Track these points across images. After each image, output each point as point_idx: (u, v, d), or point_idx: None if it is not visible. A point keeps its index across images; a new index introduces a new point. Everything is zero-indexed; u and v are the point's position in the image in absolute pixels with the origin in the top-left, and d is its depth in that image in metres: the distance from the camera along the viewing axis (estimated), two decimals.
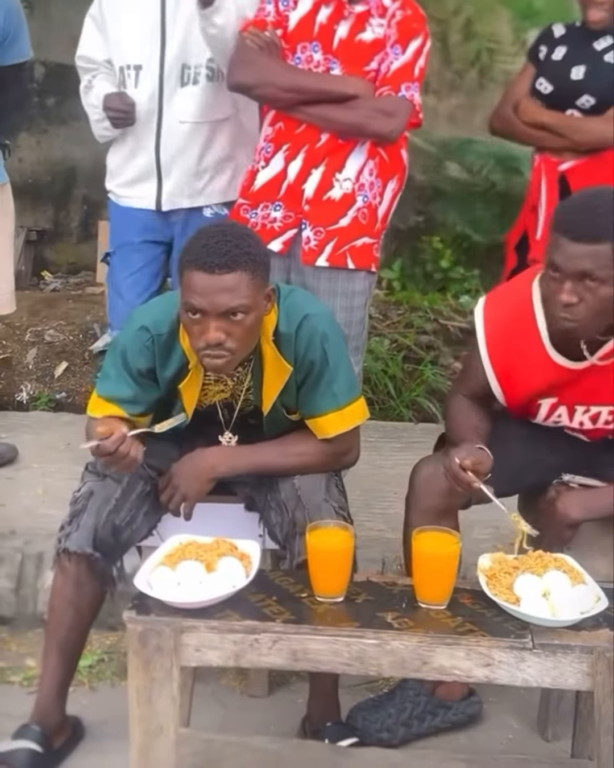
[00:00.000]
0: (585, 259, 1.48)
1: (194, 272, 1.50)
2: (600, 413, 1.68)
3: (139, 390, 1.65)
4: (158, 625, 1.39)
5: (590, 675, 1.34)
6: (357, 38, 2.03)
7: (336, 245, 2.06)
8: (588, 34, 2.29)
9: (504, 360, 1.68)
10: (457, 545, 1.44)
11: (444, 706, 1.77)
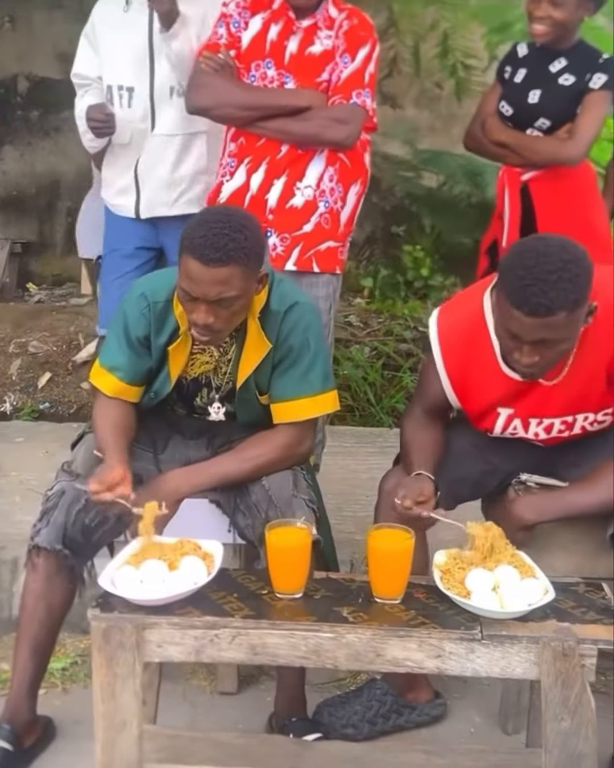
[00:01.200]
0: (540, 330, 1.52)
1: (191, 260, 1.60)
2: (553, 424, 1.74)
3: (134, 358, 1.76)
4: (121, 621, 1.45)
5: (536, 664, 1.40)
6: (306, 51, 2.12)
7: (302, 250, 2.15)
8: (545, 55, 2.36)
9: (459, 370, 1.74)
10: (410, 541, 1.50)
11: (409, 706, 1.83)
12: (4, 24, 4.73)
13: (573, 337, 1.59)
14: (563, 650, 1.38)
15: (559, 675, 1.39)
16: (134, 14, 2.40)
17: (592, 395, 1.69)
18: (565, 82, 2.32)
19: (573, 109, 2.32)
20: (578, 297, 1.51)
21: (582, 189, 2.39)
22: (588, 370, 1.66)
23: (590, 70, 2.31)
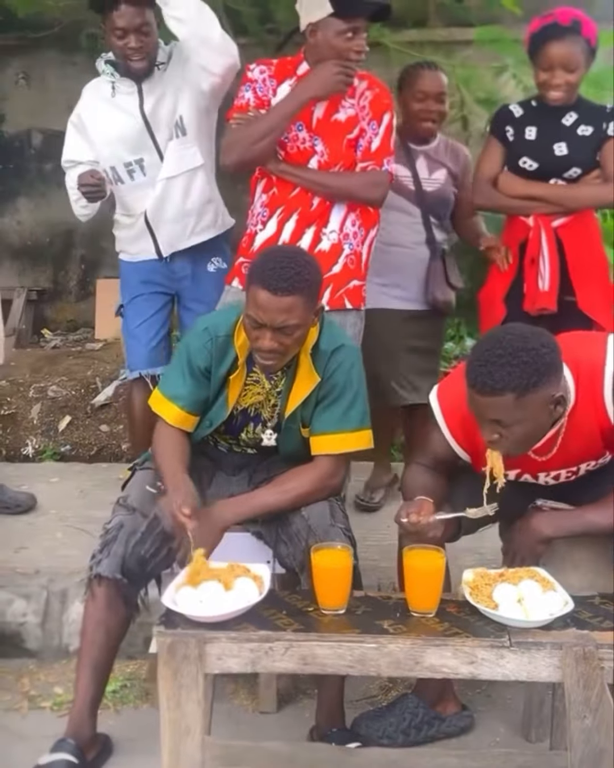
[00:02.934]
0: (490, 409, 1.68)
1: (260, 290, 1.83)
2: (560, 474, 1.94)
3: (195, 388, 1.97)
4: (184, 636, 1.64)
5: (560, 668, 1.59)
6: (332, 118, 2.38)
7: (333, 290, 2.38)
8: (552, 111, 2.54)
9: (465, 437, 1.90)
10: (443, 560, 1.70)
11: (439, 718, 2.01)
12: (19, 81, 5.03)
13: (533, 421, 1.70)
14: (584, 654, 1.58)
15: (581, 677, 1.58)
16: (122, 97, 2.61)
17: (589, 451, 1.87)
18: (585, 133, 2.54)
19: (594, 157, 2.53)
20: (526, 383, 1.64)
21: (596, 232, 2.64)
22: (579, 432, 1.81)
23: (604, 120, 2.54)
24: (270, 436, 2.01)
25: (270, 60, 2.53)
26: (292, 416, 1.98)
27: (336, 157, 2.37)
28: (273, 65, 2.47)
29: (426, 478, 1.96)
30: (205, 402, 2.00)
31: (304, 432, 2.01)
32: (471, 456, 1.94)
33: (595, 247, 2.62)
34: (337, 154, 2.37)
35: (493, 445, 1.75)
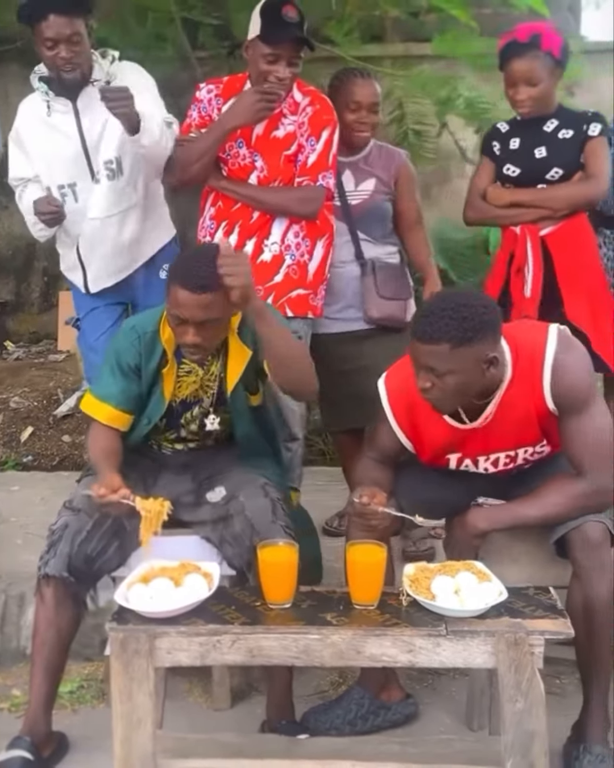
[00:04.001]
0: (426, 356, 1.82)
1: (179, 289, 1.94)
2: (499, 458, 2.04)
3: (125, 385, 2.08)
4: (135, 632, 1.72)
5: (493, 654, 1.70)
6: (271, 135, 2.50)
7: (275, 298, 2.49)
8: (533, 121, 2.62)
9: (409, 423, 2.02)
10: (383, 554, 1.80)
11: (384, 707, 2.10)
12: None
13: (464, 375, 1.82)
14: (515, 641, 1.68)
15: (512, 662, 1.69)
16: (58, 116, 2.54)
17: (527, 433, 1.98)
18: (565, 136, 2.62)
19: (577, 159, 2.60)
20: (462, 336, 1.79)
21: (588, 241, 2.70)
22: (517, 413, 1.93)
23: (584, 122, 2.62)
24: (213, 420, 2.12)
25: (220, 78, 2.65)
26: (235, 393, 2.09)
27: (275, 172, 2.49)
28: (222, 83, 2.59)
29: (376, 473, 2.07)
30: (137, 398, 2.10)
31: (253, 400, 2.14)
32: (414, 445, 2.05)
33: (587, 256, 2.67)
34: (276, 170, 2.49)
35: (425, 393, 1.87)
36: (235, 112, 2.43)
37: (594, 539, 1.88)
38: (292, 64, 2.44)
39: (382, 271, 2.71)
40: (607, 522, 1.91)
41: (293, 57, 2.43)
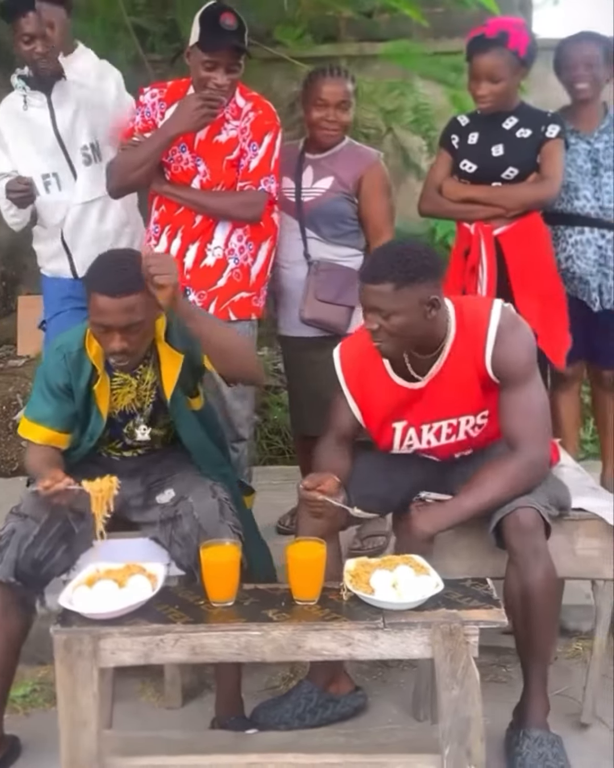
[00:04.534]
0: (372, 296, 1.94)
1: (98, 296, 1.94)
2: (441, 428, 2.10)
3: (58, 406, 2.08)
4: (79, 634, 1.75)
5: (430, 645, 1.75)
6: (214, 140, 2.53)
7: (218, 302, 2.53)
8: (493, 117, 2.68)
9: (360, 389, 2.11)
10: (323, 550, 1.85)
11: (333, 700, 2.15)
12: None
13: (408, 316, 1.92)
14: (450, 631, 1.73)
15: (448, 651, 1.74)
16: (34, 110, 2.69)
17: (469, 399, 2.05)
18: (523, 135, 2.68)
19: (534, 159, 2.65)
20: (404, 276, 1.91)
21: (541, 240, 2.76)
22: (460, 376, 2.02)
23: (543, 123, 2.68)
24: (143, 431, 2.13)
25: (164, 82, 2.68)
26: (174, 400, 2.10)
27: (217, 177, 2.52)
28: (166, 88, 2.61)
29: (333, 456, 2.13)
30: (73, 417, 2.10)
31: (194, 403, 2.16)
32: (363, 413, 2.11)
33: (540, 255, 2.73)
34: (218, 174, 2.52)
35: (373, 336, 1.97)
36: (177, 119, 2.46)
37: (526, 525, 1.93)
38: (230, 71, 2.46)
39: (325, 273, 2.68)
40: (539, 507, 1.97)
41: (231, 64, 2.46)
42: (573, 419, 3.01)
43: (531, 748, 1.93)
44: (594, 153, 2.81)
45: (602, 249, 2.83)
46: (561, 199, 2.82)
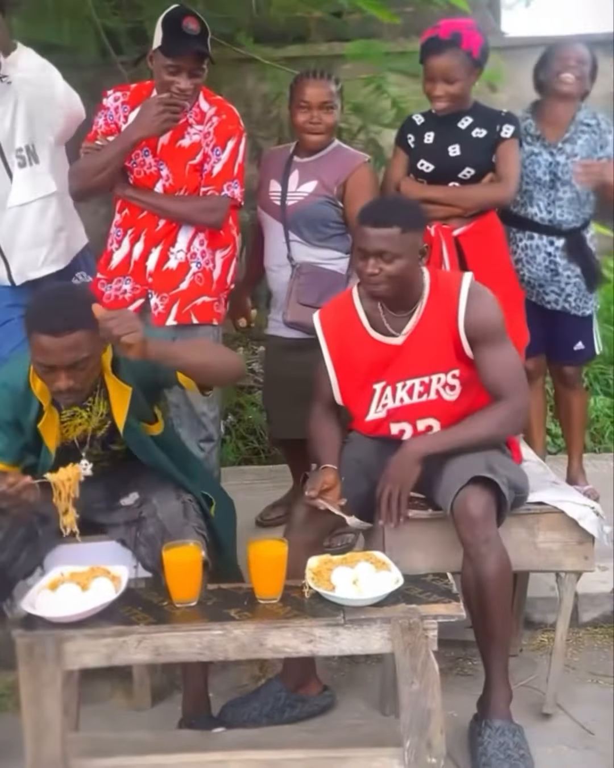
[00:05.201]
0: (378, 240, 2.07)
1: (41, 335, 1.88)
2: (414, 386, 2.17)
3: (8, 442, 2.04)
4: (42, 637, 1.77)
5: (390, 639, 1.77)
6: (177, 144, 2.54)
7: (180, 305, 2.53)
8: (448, 117, 2.70)
9: (341, 351, 2.21)
10: (284, 549, 1.87)
11: (301, 700, 2.17)
12: None
13: (407, 260, 2.08)
14: (409, 626, 1.76)
15: (407, 646, 1.76)
16: None
17: (441, 357, 2.14)
18: (479, 135, 2.71)
19: (489, 159, 2.68)
20: (410, 220, 2.11)
21: (498, 238, 2.80)
22: (434, 334, 2.14)
23: (497, 123, 2.71)
24: (85, 466, 2.03)
25: (127, 85, 2.69)
26: (128, 430, 2.08)
27: (180, 181, 2.53)
28: (129, 91, 2.62)
29: (324, 432, 2.23)
30: (23, 449, 2.04)
31: (152, 429, 2.15)
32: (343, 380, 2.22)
33: (498, 254, 2.77)
34: (181, 179, 2.53)
35: (371, 279, 2.09)
36: (139, 123, 2.46)
37: (475, 516, 1.97)
38: (193, 76, 2.47)
39: (306, 276, 2.71)
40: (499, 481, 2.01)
41: (194, 68, 2.47)
42: (538, 414, 3.05)
43: (493, 738, 1.96)
44: (554, 166, 2.84)
45: (551, 256, 2.88)
46: (516, 202, 2.86)
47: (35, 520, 2.09)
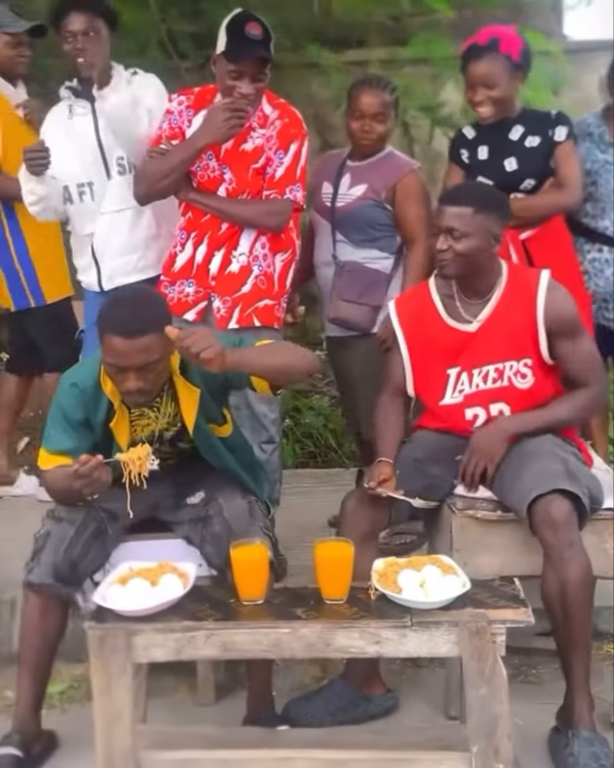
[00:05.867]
0: (450, 218, 2.17)
1: (114, 337, 1.92)
2: (489, 372, 2.22)
3: (77, 438, 2.07)
4: (113, 630, 1.81)
5: (457, 643, 1.77)
6: (240, 148, 2.57)
7: (242, 309, 2.56)
8: (499, 128, 2.67)
9: (417, 338, 2.28)
10: (350, 550, 1.88)
11: (366, 699, 2.18)
12: None
13: (477, 241, 2.16)
14: (477, 630, 1.76)
15: (475, 650, 1.76)
16: (78, 119, 2.77)
17: (514, 345, 2.21)
18: (532, 144, 2.68)
19: (547, 165, 2.64)
20: (485, 203, 2.20)
21: (566, 242, 2.77)
22: (509, 322, 2.20)
23: (549, 127, 2.67)
24: (152, 461, 2.04)
25: (191, 89, 2.72)
26: (197, 431, 2.11)
27: (243, 185, 2.56)
28: (193, 94, 2.65)
29: (387, 423, 2.29)
30: (93, 448, 2.04)
31: (221, 431, 2.17)
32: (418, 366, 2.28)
33: (565, 256, 2.74)
34: (243, 183, 2.56)
35: (440, 254, 2.19)
36: (205, 131, 2.50)
37: (558, 519, 1.96)
38: (256, 80, 2.50)
39: (349, 274, 2.77)
40: (578, 492, 2.00)
41: (257, 73, 2.50)
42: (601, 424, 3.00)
43: (584, 747, 1.93)
44: None
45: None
46: (587, 213, 2.81)
47: (105, 517, 2.13)
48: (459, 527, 2.15)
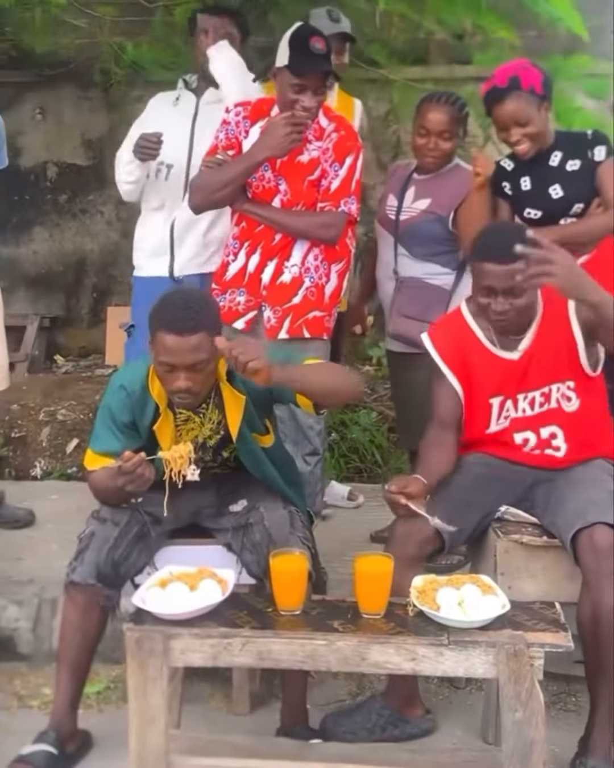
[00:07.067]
0: (507, 278, 2.08)
1: (166, 335, 1.96)
2: (534, 398, 2.22)
3: (125, 441, 2.10)
4: (151, 632, 1.83)
5: (494, 665, 1.76)
6: (296, 160, 2.59)
7: (293, 319, 2.59)
8: (538, 157, 2.62)
9: (462, 367, 2.26)
10: (390, 565, 1.88)
11: (404, 720, 2.17)
12: (36, 115, 5.35)
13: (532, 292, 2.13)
14: (515, 652, 1.75)
15: (512, 673, 1.75)
16: (183, 104, 2.94)
17: (556, 368, 2.21)
18: (574, 168, 2.65)
19: (592, 186, 2.61)
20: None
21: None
22: (550, 346, 2.21)
23: (587, 148, 2.64)
24: (193, 472, 2.08)
25: (248, 100, 2.77)
26: (240, 438, 2.13)
27: (298, 196, 2.59)
28: (250, 105, 2.69)
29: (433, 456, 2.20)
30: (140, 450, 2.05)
31: (263, 441, 2.19)
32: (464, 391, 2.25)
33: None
34: (298, 194, 2.59)
35: (500, 317, 2.15)
36: (266, 144, 2.53)
37: (601, 546, 1.95)
38: (318, 94, 2.54)
39: (409, 290, 2.80)
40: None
41: (319, 87, 2.53)
42: None
43: None
44: None
45: None
46: None
47: (148, 520, 2.16)
48: (503, 551, 2.14)
